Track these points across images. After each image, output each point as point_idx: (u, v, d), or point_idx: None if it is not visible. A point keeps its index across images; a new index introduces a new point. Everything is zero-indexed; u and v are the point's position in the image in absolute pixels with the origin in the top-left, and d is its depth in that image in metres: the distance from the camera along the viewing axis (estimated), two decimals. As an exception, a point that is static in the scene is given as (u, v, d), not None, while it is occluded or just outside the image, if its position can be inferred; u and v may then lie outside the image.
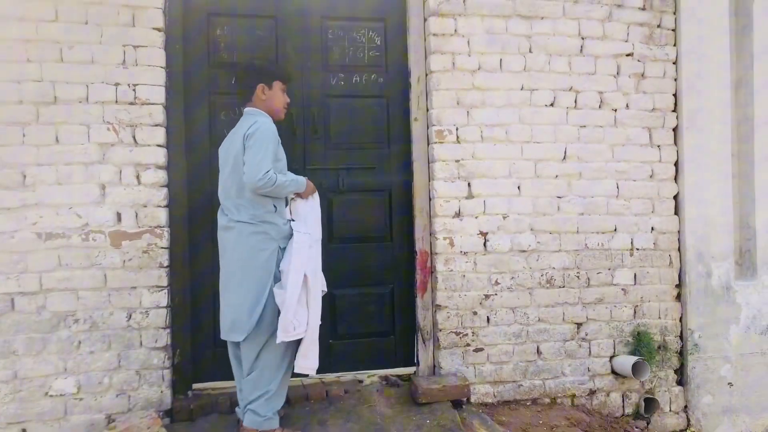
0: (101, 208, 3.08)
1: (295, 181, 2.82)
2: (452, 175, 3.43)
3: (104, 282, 3.09)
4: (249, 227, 2.72)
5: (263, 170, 2.61)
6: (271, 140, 2.70)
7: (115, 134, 3.10)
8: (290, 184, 2.78)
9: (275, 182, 2.65)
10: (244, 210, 2.73)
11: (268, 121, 2.78)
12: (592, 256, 3.58)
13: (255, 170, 2.62)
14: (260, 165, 2.62)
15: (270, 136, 2.70)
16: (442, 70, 3.42)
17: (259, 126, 2.70)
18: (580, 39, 3.56)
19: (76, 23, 3.07)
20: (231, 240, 2.77)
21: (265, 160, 2.64)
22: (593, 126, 3.57)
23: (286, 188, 2.76)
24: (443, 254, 3.43)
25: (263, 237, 2.73)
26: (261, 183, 2.62)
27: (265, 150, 2.66)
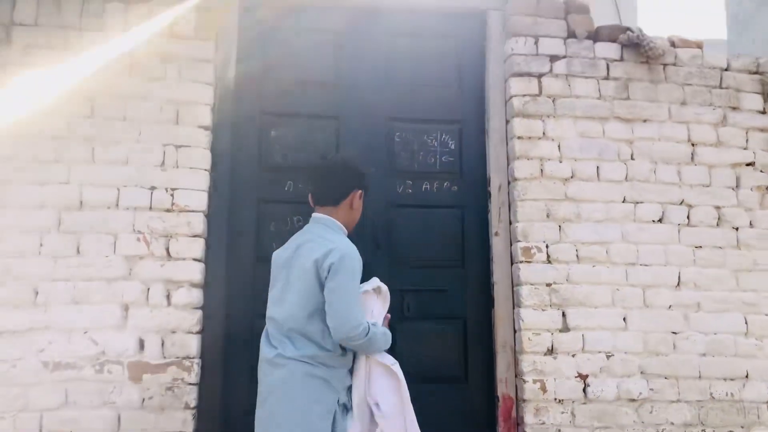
0: (122, 333, 2.72)
1: (385, 335, 2.34)
2: (543, 302, 3.05)
3: (117, 425, 2.68)
4: (304, 367, 2.22)
5: (358, 322, 2.17)
6: (359, 276, 2.28)
7: (146, 245, 2.81)
8: (382, 338, 2.30)
9: (369, 337, 2.21)
10: (306, 345, 2.23)
11: (351, 247, 2.29)
12: (719, 410, 3.06)
13: (346, 321, 2.17)
14: (353, 313, 2.18)
15: (358, 271, 2.26)
16: (529, 177, 3.13)
17: (345, 254, 2.22)
18: (690, 145, 3.26)
19: (113, 119, 2.89)
20: (277, 382, 2.25)
21: (358, 305, 2.23)
22: (711, 247, 3.17)
23: (378, 344, 2.29)
24: (533, 402, 2.94)
25: (321, 384, 2.21)
26: (354, 335, 2.17)
27: (356, 291, 2.25)
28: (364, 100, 3.26)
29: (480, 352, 3.13)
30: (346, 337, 2.18)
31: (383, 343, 2.32)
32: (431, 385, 3.07)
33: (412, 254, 3.17)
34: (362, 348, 2.26)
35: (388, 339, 2.36)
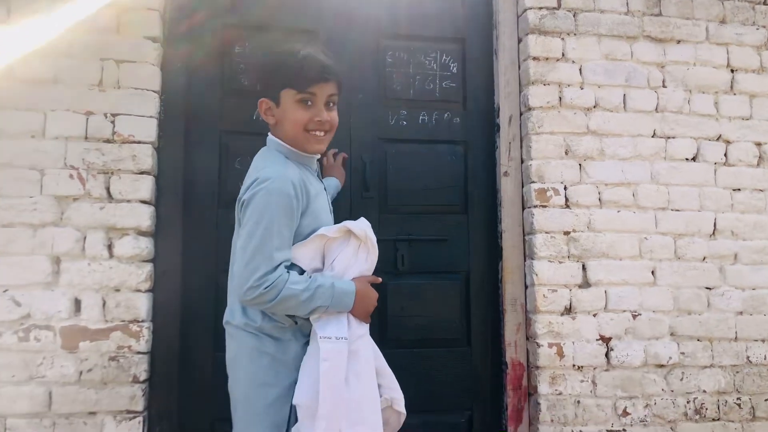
0: (52, 292, 2.21)
1: (326, 290, 1.70)
2: (560, 253, 2.60)
3: (48, 404, 2.17)
4: (252, 341, 1.75)
5: (255, 275, 1.63)
6: (279, 213, 1.67)
7: (81, 184, 2.27)
8: (314, 297, 1.69)
9: (276, 297, 1.64)
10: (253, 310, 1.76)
11: (277, 175, 1.70)
12: (757, 375, 2.68)
13: (243, 275, 1.65)
14: (252, 265, 1.64)
15: (275, 207, 1.67)
16: (546, 106, 2.64)
17: (261, 187, 1.68)
18: (729, 72, 2.79)
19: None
20: (229, 359, 1.81)
21: (262, 255, 1.64)
22: (751, 189, 2.74)
23: (304, 305, 1.69)
24: (548, 368, 2.53)
25: (270, 363, 1.74)
26: (249, 296, 1.64)
27: (265, 236, 1.65)
28: (349, 11, 2.70)
29: (485, 311, 2.69)
30: (244, 298, 1.67)
31: (321, 302, 1.70)
32: (428, 350, 2.65)
33: (406, 198, 2.68)
34: (283, 311, 1.71)
35: (340, 296, 1.73)
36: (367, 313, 1.82)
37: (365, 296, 1.81)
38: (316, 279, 1.73)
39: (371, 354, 1.82)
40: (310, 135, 1.82)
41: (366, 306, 1.81)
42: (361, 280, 1.83)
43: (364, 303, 1.80)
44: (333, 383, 1.66)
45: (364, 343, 1.81)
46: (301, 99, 1.79)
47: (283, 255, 1.69)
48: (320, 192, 1.88)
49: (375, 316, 2.53)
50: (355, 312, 1.78)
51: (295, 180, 1.72)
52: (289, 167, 1.77)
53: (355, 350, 1.75)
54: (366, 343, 1.81)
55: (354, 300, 1.76)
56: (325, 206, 1.90)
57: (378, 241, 2.56)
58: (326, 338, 1.70)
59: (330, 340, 1.71)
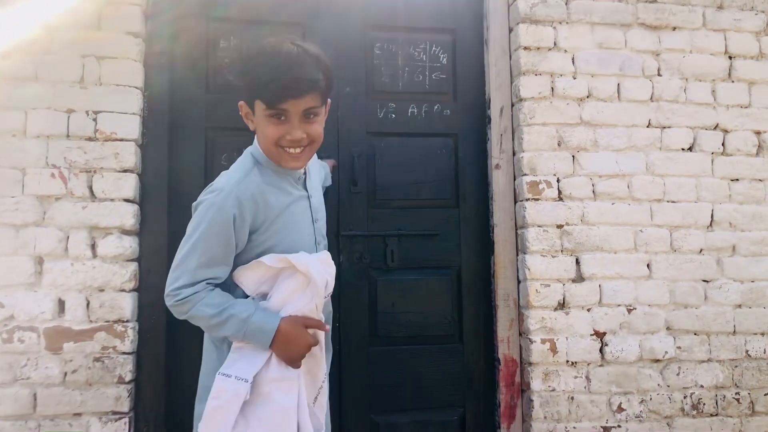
0: (35, 293, 2.19)
1: (237, 322, 1.57)
2: (553, 247, 2.55)
3: (33, 406, 2.15)
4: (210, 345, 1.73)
5: (174, 284, 1.58)
6: (212, 231, 1.56)
7: (63, 183, 2.24)
8: (224, 325, 1.58)
9: (187, 312, 1.59)
10: None
11: (227, 189, 1.59)
12: (756, 369, 2.63)
13: (168, 280, 1.60)
14: (174, 274, 1.59)
15: (209, 224, 1.56)
16: (537, 96, 2.59)
17: (205, 198, 1.60)
18: (726, 58, 2.73)
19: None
20: None
21: (184, 267, 1.57)
22: (750, 180, 2.68)
23: (214, 330, 1.61)
24: (541, 365, 2.49)
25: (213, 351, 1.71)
26: (167, 302, 1.61)
27: (192, 249, 1.57)
28: (336, 2, 2.65)
29: (477, 307, 2.65)
30: (167, 303, 1.62)
31: (232, 332, 1.58)
32: (419, 347, 2.60)
33: (395, 192, 2.64)
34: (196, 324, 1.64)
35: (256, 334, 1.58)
36: (292, 358, 1.61)
37: (291, 339, 1.60)
38: (233, 306, 1.59)
39: (291, 404, 1.59)
40: (284, 151, 1.64)
41: (290, 350, 1.60)
42: (294, 320, 1.62)
43: (289, 346, 1.60)
44: (217, 426, 1.52)
45: (284, 389, 1.59)
46: (272, 114, 1.61)
47: (209, 272, 1.59)
48: (297, 201, 1.73)
49: (365, 312, 2.55)
50: (276, 352, 1.60)
51: (246, 196, 1.59)
52: (250, 176, 1.64)
53: (266, 393, 1.57)
54: (287, 391, 1.60)
55: (272, 339, 1.58)
56: (302, 218, 1.75)
57: (367, 237, 2.59)
58: (225, 376, 1.56)
59: (228, 378, 1.56)
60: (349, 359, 2.55)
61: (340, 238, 2.53)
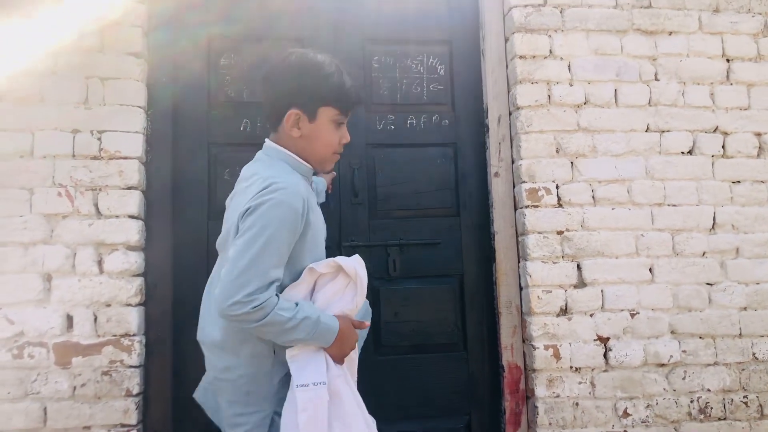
0: (44, 309, 2.25)
1: (311, 323, 1.59)
2: (553, 254, 2.56)
3: (43, 420, 2.20)
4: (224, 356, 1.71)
5: (245, 290, 1.50)
6: (285, 229, 1.57)
7: (70, 201, 2.30)
8: (297, 328, 1.57)
9: (262, 320, 1.53)
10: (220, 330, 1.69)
11: (291, 186, 1.59)
12: (763, 372, 2.60)
13: (230, 286, 1.51)
14: (244, 278, 1.51)
15: (280, 221, 1.56)
16: (534, 104, 2.61)
17: (270, 197, 1.55)
18: (724, 61, 2.74)
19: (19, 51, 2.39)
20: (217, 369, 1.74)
21: (256, 269, 1.52)
22: (751, 181, 2.67)
23: (285, 335, 1.58)
24: (545, 371, 2.49)
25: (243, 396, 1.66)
26: (233, 311, 1.51)
27: (264, 249, 1.53)
28: (335, 17, 2.72)
29: (480, 314, 2.67)
30: (227, 312, 1.53)
31: (304, 335, 1.59)
32: (423, 355, 2.63)
33: (397, 202, 2.68)
34: (262, 335, 1.61)
35: (322, 331, 1.61)
36: (344, 356, 1.68)
37: (346, 337, 1.67)
38: (303, 309, 1.60)
39: (355, 393, 1.68)
40: (334, 156, 1.83)
41: (344, 348, 1.67)
42: (346, 319, 1.68)
43: (343, 344, 1.66)
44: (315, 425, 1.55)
45: (346, 382, 1.67)
46: (339, 120, 1.76)
47: (278, 273, 1.57)
48: (317, 206, 1.81)
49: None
50: (331, 351, 1.65)
51: (304, 194, 1.63)
52: (297, 179, 1.69)
53: (335, 391, 1.62)
54: (348, 382, 1.68)
55: (335, 338, 1.63)
56: (322, 221, 1.82)
57: (369, 247, 2.62)
58: (303, 386, 1.57)
59: (307, 388, 1.57)
60: (353, 369, 2.57)
61: (342, 249, 2.57)
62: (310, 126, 1.73)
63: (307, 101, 1.71)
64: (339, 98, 1.73)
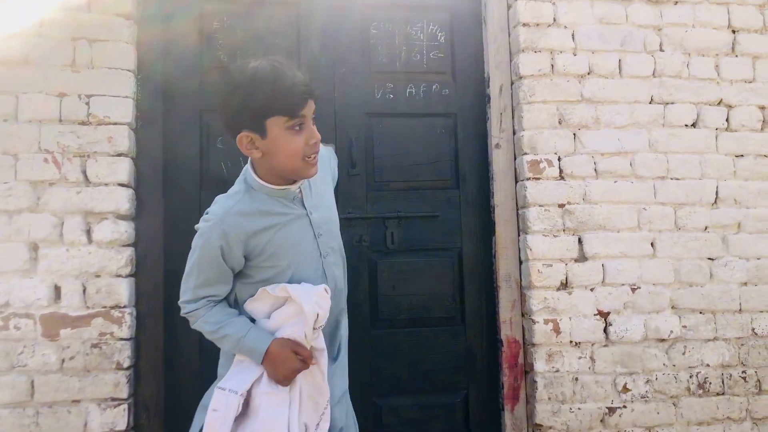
0: (30, 279, 2.18)
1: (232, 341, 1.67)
2: (554, 227, 2.53)
3: (30, 393, 2.16)
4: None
5: (181, 297, 1.72)
6: (205, 258, 1.66)
7: (57, 168, 2.23)
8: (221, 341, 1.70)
9: (194, 324, 1.73)
10: None
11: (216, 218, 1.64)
12: (763, 347, 2.60)
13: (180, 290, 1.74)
14: (182, 287, 1.73)
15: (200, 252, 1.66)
16: (537, 74, 2.56)
17: (200, 225, 1.69)
18: (730, 32, 2.69)
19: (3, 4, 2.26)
20: None
21: (186, 285, 1.71)
22: (754, 155, 2.64)
23: (218, 343, 1.73)
24: (544, 345, 2.48)
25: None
26: (183, 313, 1.74)
27: (191, 271, 1.70)
28: (330, -18, 2.64)
29: (479, 288, 2.63)
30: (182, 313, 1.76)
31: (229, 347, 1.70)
32: (421, 329, 2.60)
33: (395, 174, 2.63)
34: None
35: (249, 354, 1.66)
36: (278, 378, 1.66)
37: (279, 360, 1.65)
38: (229, 325, 1.68)
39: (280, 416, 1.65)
40: (306, 162, 1.65)
41: (276, 371, 1.65)
42: (284, 343, 1.66)
43: (275, 367, 1.65)
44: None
45: (273, 402, 1.66)
46: (293, 125, 1.59)
47: (207, 291, 1.70)
48: (294, 220, 1.72)
49: (365, 295, 2.54)
50: (266, 370, 1.67)
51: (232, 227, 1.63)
52: (241, 204, 1.67)
53: (257, 405, 1.65)
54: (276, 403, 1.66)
55: (262, 359, 1.65)
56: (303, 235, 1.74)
57: (366, 219, 2.58)
58: (220, 389, 1.66)
59: (223, 391, 1.65)
60: (350, 343, 2.51)
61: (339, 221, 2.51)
62: (265, 142, 1.61)
63: (249, 119, 1.60)
64: (281, 105, 1.58)
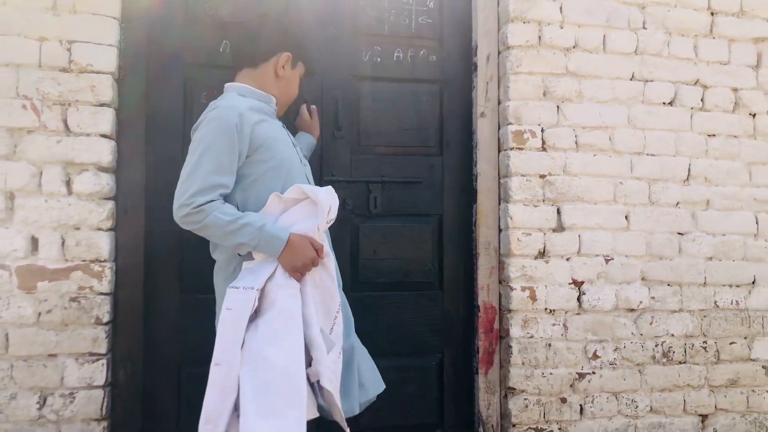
0: (6, 229, 2.12)
1: (253, 229, 1.73)
2: (535, 197, 2.61)
3: (5, 347, 2.12)
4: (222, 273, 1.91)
5: (187, 193, 1.71)
6: (224, 137, 1.76)
7: (36, 115, 2.16)
8: (239, 232, 1.73)
9: (203, 220, 1.71)
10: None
11: (225, 106, 1.82)
12: (723, 319, 2.78)
13: (177, 193, 1.76)
14: (186, 184, 1.74)
15: (213, 133, 1.76)
16: (525, 45, 2.60)
17: (205, 117, 1.82)
18: (709, 15, 2.78)
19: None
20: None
21: (196, 175, 1.73)
22: (726, 135, 2.77)
23: (228, 238, 1.74)
24: (520, 312, 2.57)
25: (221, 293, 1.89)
26: (179, 214, 1.73)
27: (201, 158, 1.74)
28: (321, -61, 2.61)
29: (458, 254, 2.70)
30: (176, 216, 1.76)
31: (247, 239, 1.73)
32: (400, 293, 2.65)
33: (379, 138, 2.65)
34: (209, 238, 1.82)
35: (267, 239, 1.74)
36: (295, 267, 1.78)
37: (298, 248, 1.78)
38: (248, 215, 1.76)
39: (296, 310, 1.75)
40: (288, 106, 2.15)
41: (295, 259, 1.77)
42: (303, 236, 1.80)
43: (294, 255, 1.77)
44: (232, 332, 1.67)
45: (288, 295, 1.76)
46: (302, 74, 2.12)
47: (219, 179, 1.75)
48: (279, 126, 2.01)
49: (346, 258, 2.56)
50: (282, 261, 1.77)
51: (244, 110, 1.81)
52: (243, 102, 1.87)
53: (272, 299, 1.73)
54: (290, 296, 1.76)
55: (283, 247, 1.76)
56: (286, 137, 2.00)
57: (350, 183, 2.60)
58: (234, 288, 1.73)
59: (237, 290, 1.72)
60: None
61: (322, 184, 2.52)
62: (290, 72, 2.04)
63: (294, 44, 2.04)
64: (309, 61, 2.11)
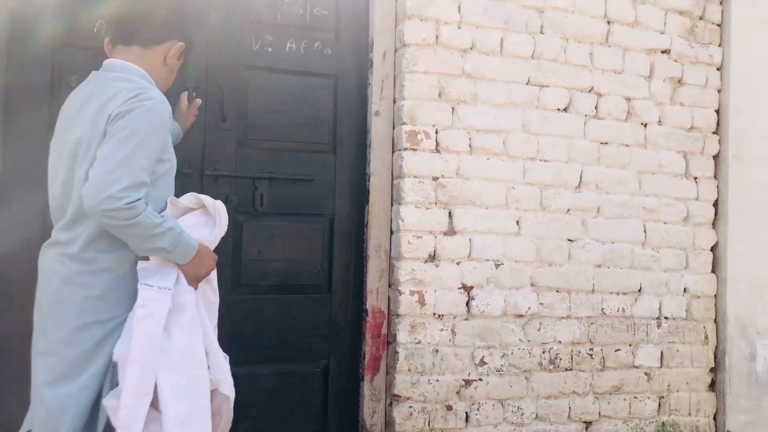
0: None
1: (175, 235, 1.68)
2: (427, 199, 2.57)
3: None
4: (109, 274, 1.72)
5: (119, 185, 1.57)
6: (158, 135, 1.69)
7: None
8: (163, 236, 1.66)
9: (133, 218, 1.59)
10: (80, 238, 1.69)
11: (159, 97, 1.73)
12: (609, 326, 2.82)
13: (102, 181, 1.57)
14: (117, 174, 1.58)
15: (151, 127, 1.66)
16: (422, 43, 2.55)
17: (142, 104, 1.66)
18: (605, 23, 2.84)
19: None
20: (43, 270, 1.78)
21: (130, 168, 1.60)
22: (618, 144, 2.83)
23: (150, 240, 1.65)
24: (408, 316, 2.52)
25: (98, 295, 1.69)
26: (106, 206, 1.56)
27: (136, 151, 1.62)
28: None
29: (349, 256, 2.64)
30: (100, 207, 1.56)
31: (167, 244, 1.66)
32: (285, 296, 2.57)
33: (269, 132, 2.55)
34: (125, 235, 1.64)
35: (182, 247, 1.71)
36: (197, 278, 1.79)
37: (203, 259, 1.79)
38: (168, 220, 1.70)
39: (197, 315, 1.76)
40: None
41: (199, 269, 1.78)
42: (204, 246, 1.81)
43: (199, 265, 1.78)
44: (149, 331, 1.61)
45: (192, 301, 1.76)
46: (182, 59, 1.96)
47: (146, 177, 1.66)
48: None
49: (228, 257, 2.46)
50: (187, 269, 1.75)
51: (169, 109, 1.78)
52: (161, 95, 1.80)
53: (181, 303, 1.72)
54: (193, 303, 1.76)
55: (193, 256, 1.75)
56: None
57: (235, 178, 2.48)
58: (147, 286, 1.67)
59: (151, 288, 1.67)
60: (208, 307, 2.46)
61: (204, 178, 2.41)
62: (176, 63, 1.93)
63: (182, 30, 1.90)
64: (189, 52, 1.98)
